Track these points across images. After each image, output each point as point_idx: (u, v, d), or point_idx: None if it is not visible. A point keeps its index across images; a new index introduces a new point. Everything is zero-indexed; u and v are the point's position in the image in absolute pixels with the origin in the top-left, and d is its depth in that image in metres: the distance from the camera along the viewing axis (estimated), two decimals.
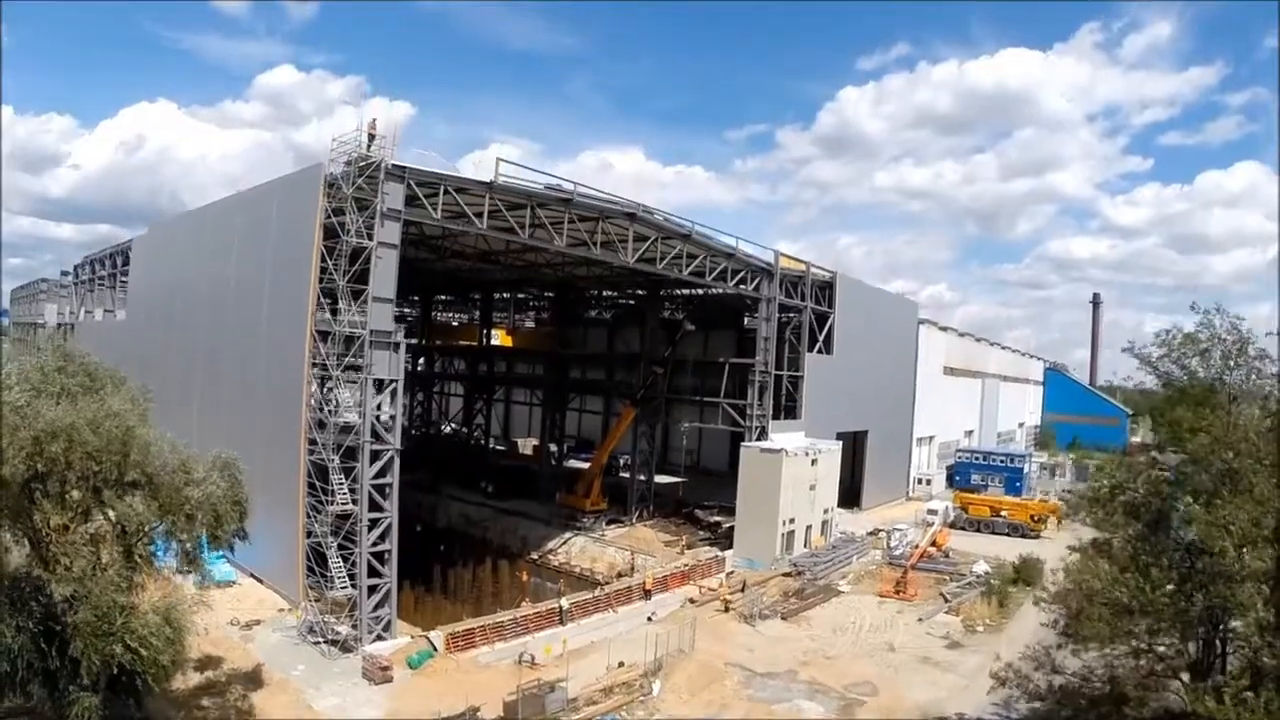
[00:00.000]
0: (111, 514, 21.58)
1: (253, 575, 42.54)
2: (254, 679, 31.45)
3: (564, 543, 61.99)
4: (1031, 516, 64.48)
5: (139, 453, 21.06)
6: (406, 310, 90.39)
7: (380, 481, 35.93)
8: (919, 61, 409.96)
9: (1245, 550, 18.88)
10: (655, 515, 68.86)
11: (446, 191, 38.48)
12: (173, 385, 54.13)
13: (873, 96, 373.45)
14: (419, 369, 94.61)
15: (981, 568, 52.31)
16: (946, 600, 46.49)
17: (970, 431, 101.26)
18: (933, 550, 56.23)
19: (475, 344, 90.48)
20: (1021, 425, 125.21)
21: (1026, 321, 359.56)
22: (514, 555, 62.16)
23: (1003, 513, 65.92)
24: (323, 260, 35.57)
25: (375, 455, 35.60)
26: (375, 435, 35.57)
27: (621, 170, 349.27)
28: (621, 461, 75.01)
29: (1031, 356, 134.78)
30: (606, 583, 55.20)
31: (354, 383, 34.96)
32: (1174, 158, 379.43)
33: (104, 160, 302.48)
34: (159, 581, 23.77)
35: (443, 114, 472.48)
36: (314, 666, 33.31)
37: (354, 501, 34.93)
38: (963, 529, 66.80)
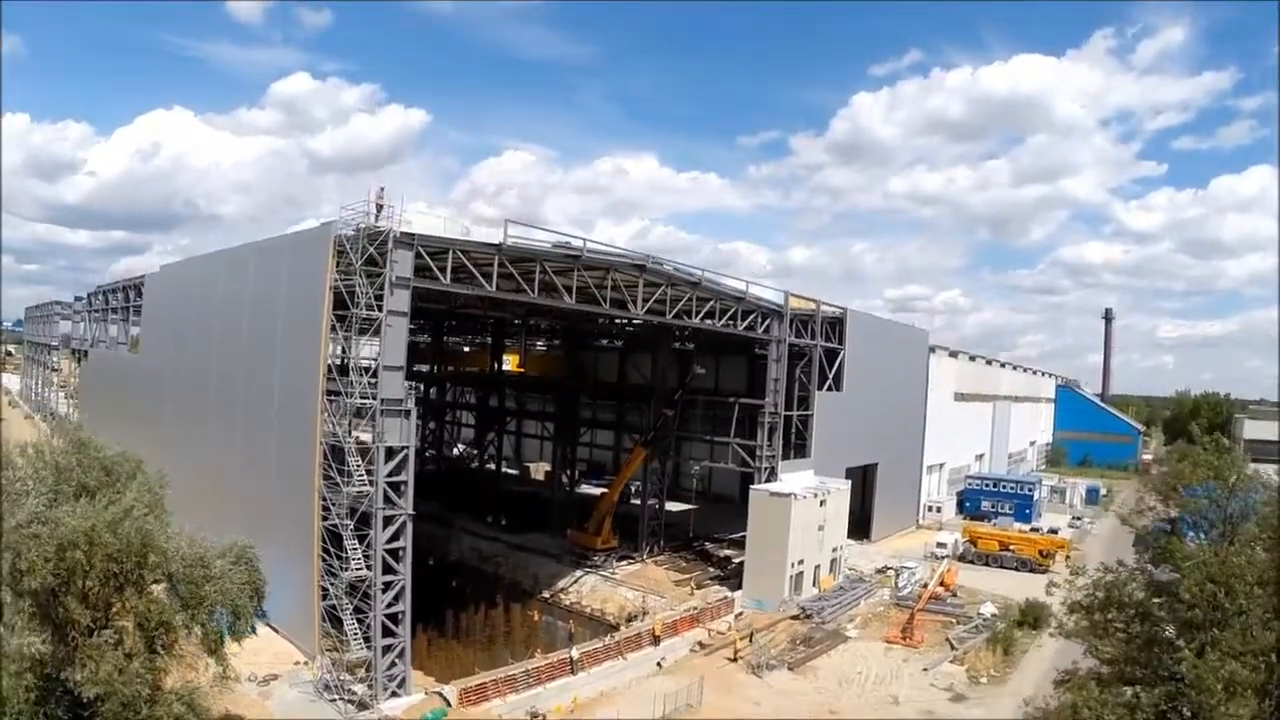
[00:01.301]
0: (132, 610, 22.54)
1: (269, 625, 43.49)
2: None
3: (575, 581, 62.73)
4: (1040, 552, 64.72)
5: (157, 554, 21.99)
6: (417, 338, 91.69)
7: (393, 545, 36.83)
8: (932, 68, 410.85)
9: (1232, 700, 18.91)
10: (666, 550, 69.57)
11: (455, 255, 39.40)
12: (187, 420, 55.65)
13: (885, 103, 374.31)
14: (430, 397, 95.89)
15: (989, 609, 52.66)
16: (953, 647, 46.89)
17: (981, 455, 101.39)
18: (941, 591, 56.61)
19: (485, 369, 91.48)
20: (1033, 444, 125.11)
21: (1039, 327, 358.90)
22: (526, 593, 62.94)
23: (1011, 547, 66.12)
24: (332, 330, 36.59)
25: (388, 520, 36.50)
26: (388, 500, 36.48)
27: (635, 176, 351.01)
28: (633, 489, 75.65)
29: (1044, 374, 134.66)
30: (617, 625, 56.02)
31: (365, 452, 35.86)
32: (1187, 162, 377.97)
33: (119, 167, 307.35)
34: (182, 665, 24.66)
35: (456, 121, 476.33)
36: None
37: (368, 567, 35.82)
38: (971, 562, 67.10)
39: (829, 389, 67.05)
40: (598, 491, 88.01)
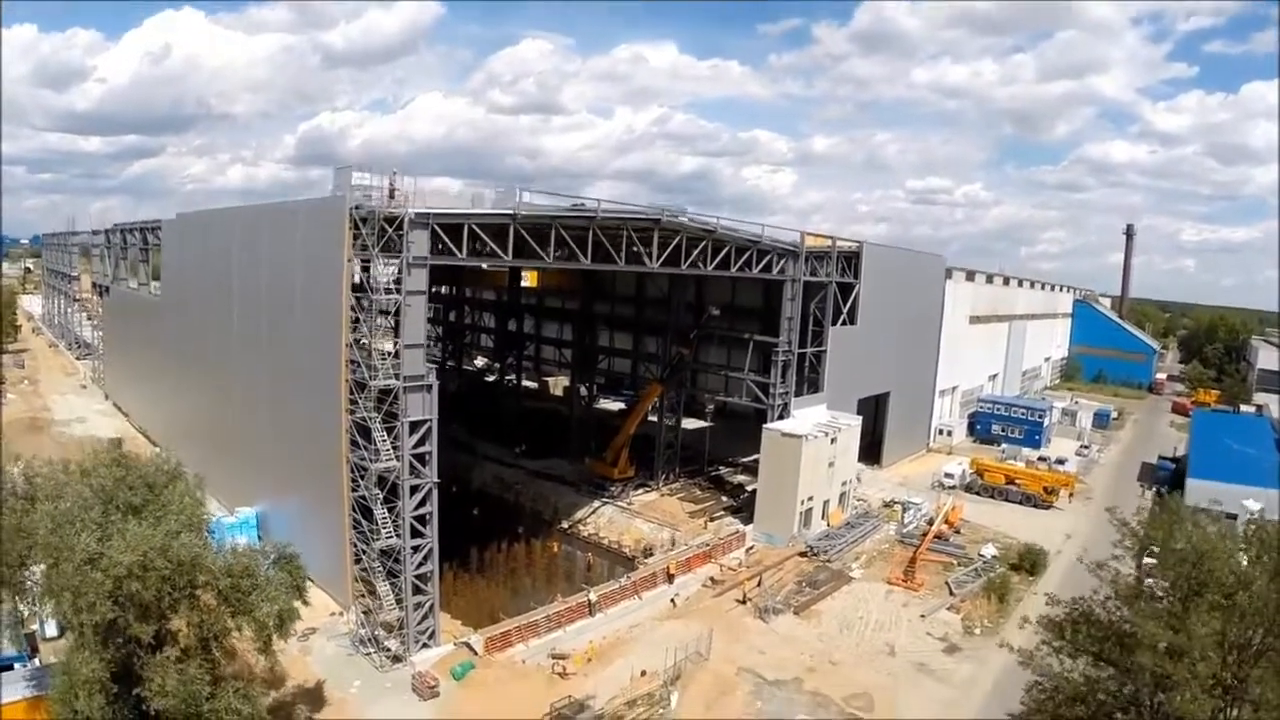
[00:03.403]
0: (186, 620, 24.66)
1: (303, 572, 46.34)
2: (316, 697, 35.47)
3: (593, 512, 65.47)
4: (1044, 488, 66.47)
5: (205, 574, 23.85)
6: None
7: (420, 512, 38.86)
8: None
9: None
10: (681, 477, 71.92)
11: (470, 230, 39.68)
12: (211, 373, 57.56)
13: None
14: (449, 318, 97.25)
15: (989, 551, 54.87)
16: (951, 592, 49.30)
17: (994, 375, 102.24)
18: (945, 529, 58.75)
19: (504, 285, 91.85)
20: (1048, 360, 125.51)
21: (1061, 224, 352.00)
22: (546, 523, 65.92)
23: (1017, 482, 67.92)
24: (352, 311, 37.54)
25: (414, 489, 38.40)
26: (413, 471, 38.26)
27: (655, 64, 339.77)
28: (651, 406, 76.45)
29: (1062, 289, 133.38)
30: (633, 557, 59.00)
31: (391, 428, 37.38)
32: (1218, 66, 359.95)
33: (130, 71, 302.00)
34: (235, 660, 27.04)
35: (472, 13, 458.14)
36: (368, 681, 37.23)
37: (397, 534, 37.99)
38: (978, 494, 69.18)
39: (843, 323, 67.52)
40: (615, 407, 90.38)
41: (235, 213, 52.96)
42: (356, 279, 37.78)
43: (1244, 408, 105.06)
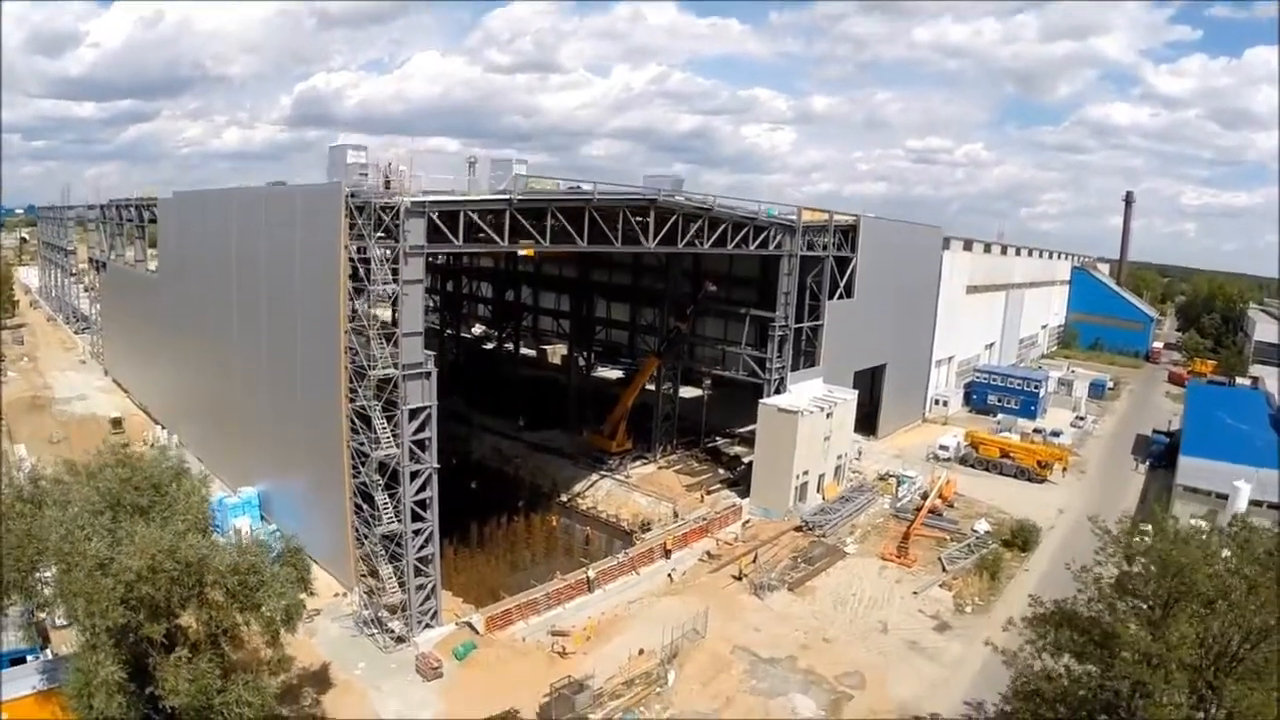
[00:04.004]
0: (195, 617, 25.29)
1: (308, 556, 47.06)
2: (322, 680, 36.33)
3: (591, 485, 66.20)
4: (1038, 462, 67.16)
5: (213, 574, 24.39)
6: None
7: (421, 496, 39.41)
8: None
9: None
10: (678, 448, 72.55)
11: (466, 216, 39.64)
12: (209, 351, 57.79)
13: None
14: (447, 288, 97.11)
15: (982, 526, 55.73)
16: (944, 569, 50.20)
17: (991, 344, 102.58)
18: (938, 504, 59.54)
19: (501, 254, 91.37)
20: (1045, 327, 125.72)
21: (1062, 185, 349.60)
22: (545, 496, 66.72)
23: (1011, 455, 68.64)
24: (350, 299, 37.67)
25: (414, 475, 38.90)
26: (413, 457, 38.73)
27: (654, 21, 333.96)
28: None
29: (1060, 256, 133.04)
30: (631, 531, 59.90)
31: (391, 415, 37.75)
32: (1222, 30, 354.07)
33: (123, 36, 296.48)
34: (244, 652, 27.72)
35: None
36: (373, 663, 38.11)
37: (398, 518, 38.58)
38: (972, 466, 69.95)
39: (840, 297, 67.62)
40: (614, 375, 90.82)
41: (232, 194, 52.71)
42: (354, 263, 37.80)
43: (1240, 380, 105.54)
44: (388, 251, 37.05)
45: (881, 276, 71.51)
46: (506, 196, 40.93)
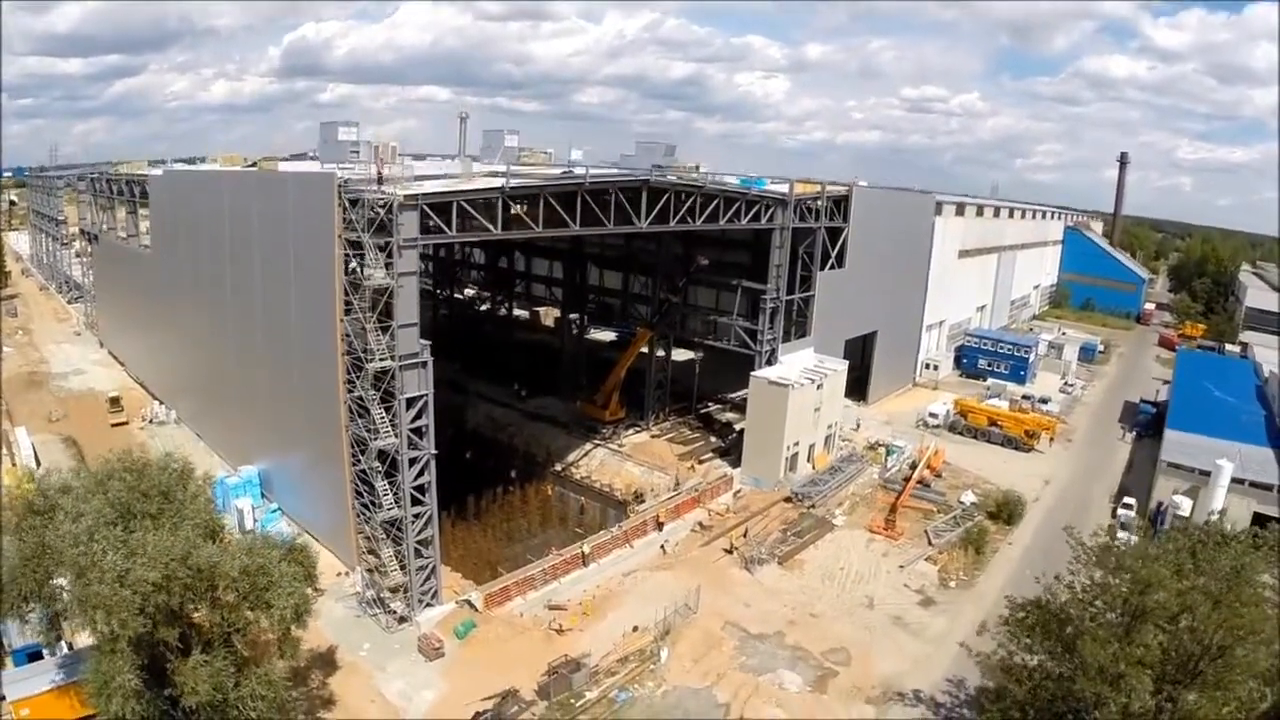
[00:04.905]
0: (207, 619, 26.32)
1: (308, 533, 48.08)
2: (328, 661, 37.70)
3: (585, 455, 67.31)
4: (1026, 431, 68.28)
5: (224, 579, 25.31)
6: None
7: (420, 481, 40.32)
8: None
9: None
10: (670, 415, 73.60)
11: (459, 207, 39.79)
12: (205, 329, 58.13)
13: None
14: (440, 254, 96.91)
15: (969, 498, 57.05)
16: (930, 542, 51.59)
17: (982, 307, 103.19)
18: (927, 474, 60.77)
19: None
20: (1037, 288, 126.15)
21: (1058, 136, 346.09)
22: (539, 465, 67.84)
23: (999, 424, 69.75)
24: (346, 294, 38.00)
25: (412, 461, 39.75)
26: (411, 445, 39.51)
27: None
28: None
29: (1053, 216, 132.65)
30: (625, 501, 61.17)
31: (388, 405, 38.40)
32: None
33: None
34: (256, 648, 28.84)
35: None
36: (377, 644, 39.46)
37: (398, 503, 39.54)
38: (961, 434, 71.13)
39: (831, 267, 67.93)
40: (607, 338, 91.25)
41: (224, 176, 52.55)
42: (349, 256, 38.07)
43: (1229, 347, 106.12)
44: (381, 242, 37.26)
45: (873, 245, 71.69)
46: (499, 185, 41.04)
